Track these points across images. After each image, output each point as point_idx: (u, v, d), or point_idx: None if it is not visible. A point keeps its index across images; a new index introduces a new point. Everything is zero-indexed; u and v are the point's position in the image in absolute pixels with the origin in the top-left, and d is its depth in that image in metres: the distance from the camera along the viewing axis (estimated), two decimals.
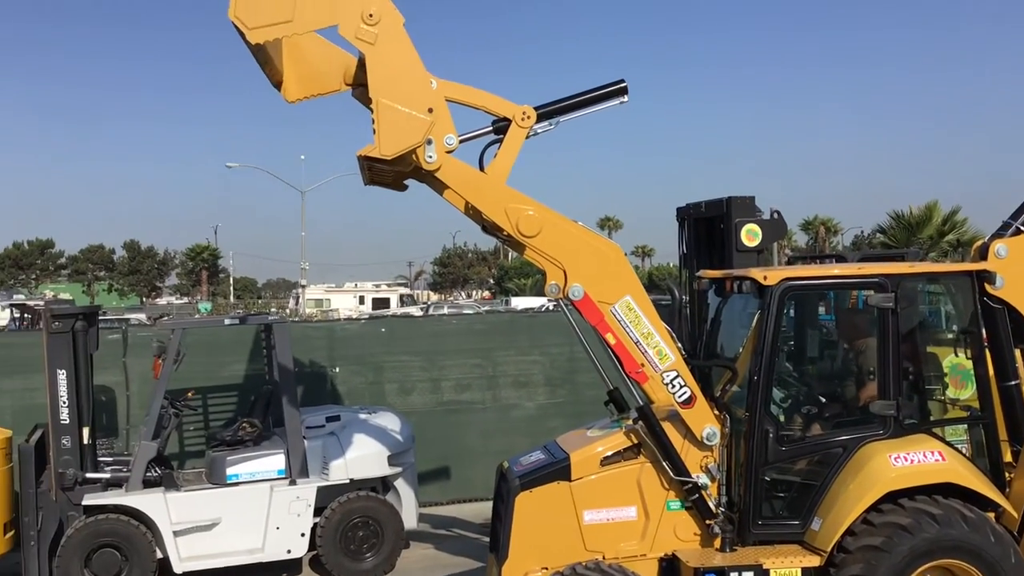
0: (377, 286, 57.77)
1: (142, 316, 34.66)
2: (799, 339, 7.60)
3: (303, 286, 53.53)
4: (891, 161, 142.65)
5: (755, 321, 6.64)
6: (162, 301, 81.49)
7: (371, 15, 6.02)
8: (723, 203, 9.79)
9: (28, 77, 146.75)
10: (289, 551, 9.08)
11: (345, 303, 51.26)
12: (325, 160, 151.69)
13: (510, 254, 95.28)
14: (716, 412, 6.64)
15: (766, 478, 6.50)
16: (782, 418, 6.76)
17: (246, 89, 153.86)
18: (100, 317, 10.09)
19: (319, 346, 11.94)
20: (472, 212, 6.58)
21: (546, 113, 6.54)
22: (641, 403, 6.50)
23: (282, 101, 6.56)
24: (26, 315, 33.12)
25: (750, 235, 9.49)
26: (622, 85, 6.65)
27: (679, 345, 6.60)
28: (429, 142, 6.16)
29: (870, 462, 6.29)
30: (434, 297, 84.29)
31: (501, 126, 6.49)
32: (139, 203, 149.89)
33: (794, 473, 6.63)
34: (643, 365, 6.43)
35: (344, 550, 9.22)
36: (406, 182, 7.08)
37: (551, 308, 9.53)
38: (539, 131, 6.52)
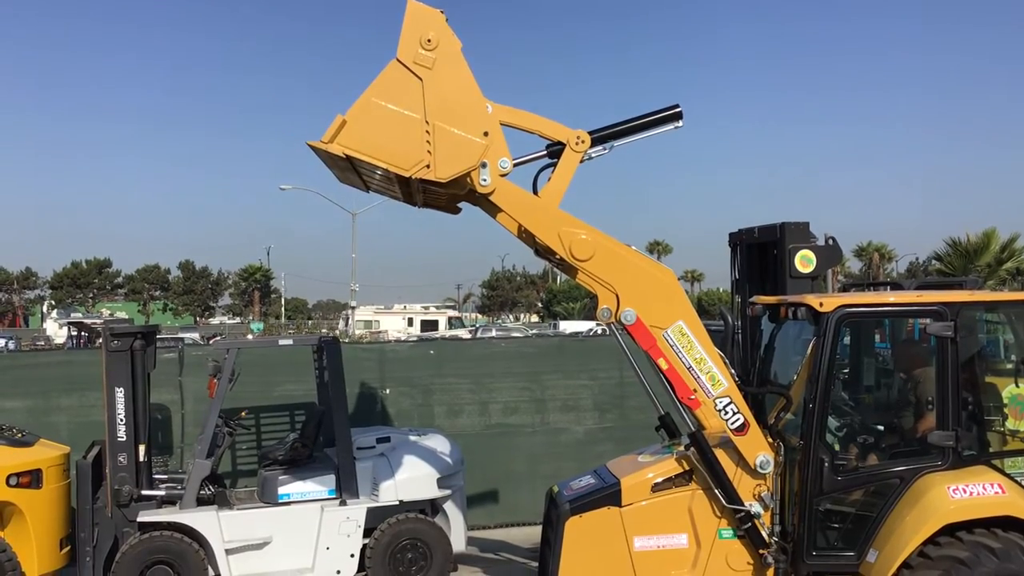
0: (426, 308, 58.09)
1: (196, 335, 35.18)
2: (855, 367, 7.50)
3: (353, 307, 54.00)
4: (948, 187, 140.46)
5: (810, 348, 6.57)
6: (215, 320, 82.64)
7: (429, 40, 6.12)
8: (777, 228, 9.71)
9: (81, 100, 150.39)
10: (339, 572, 9.11)
11: (394, 325, 51.60)
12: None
13: (559, 278, 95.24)
14: (770, 440, 6.58)
15: (820, 508, 6.42)
16: (837, 447, 6.67)
17: (298, 110, 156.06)
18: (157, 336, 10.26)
19: (369, 367, 12.02)
20: (525, 235, 6.61)
21: (600, 138, 6.56)
22: (693, 428, 6.46)
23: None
24: (83, 333, 33.78)
25: (804, 261, 9.39)
26: (677, 110, 6.66)
27: (732, 371, 6.56)
28: (484, 165, 6.22)
29: (928, 494, 6.19)
30: (482, 319, 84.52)
31: (555, 150, 6.52)
32: (194, 224, 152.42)
33: (849, 503, 6.53)
34: (696, 391, 6.39)
35: (393, 572, 9.22)
36: (459, 204, 7.12)
37: (600, 332, 9.54)
38: (593, 155, 6.55)
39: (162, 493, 9.13)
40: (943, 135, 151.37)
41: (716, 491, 6.44)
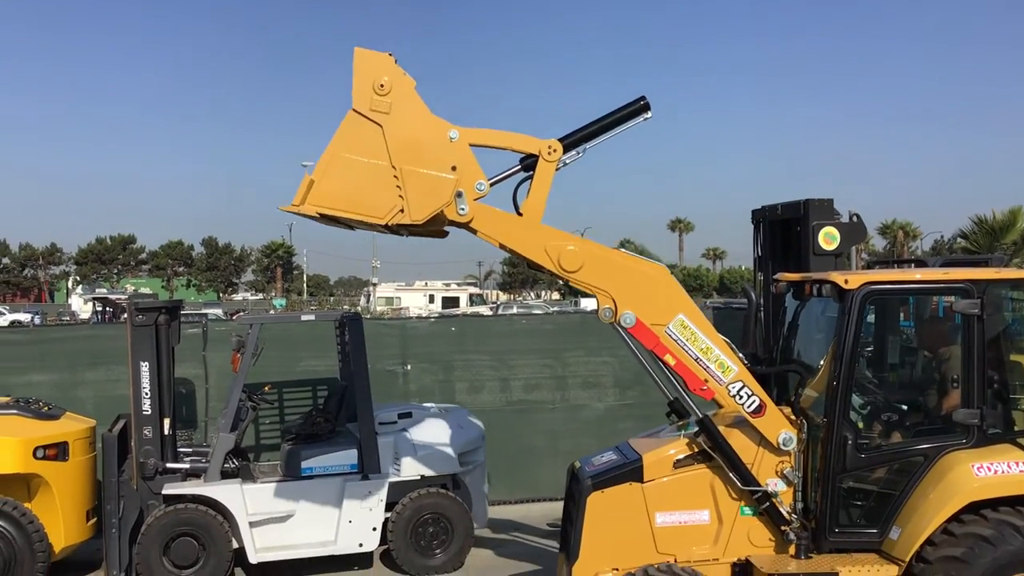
0: (447, 285, 58.13)
1: (219, 311, 35.39)
2: (879, 345, 7.45)
3: (374, 284, 54.15)
4: (974, 164, 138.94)
5: (835, 326, 6.52)
6: (238, 297, 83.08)
7: (382, 85, 6.06)
8: (800, 205, 9.63)
9: (108, 85, 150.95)
10: (361, 544, 9.19)
11: (415, 301, 51.70)
12: None
13: None
14: (792, 417, 6.56)
15: (843, 485, 6.39)
16: (861, 425, 6.64)
17: (321, 90, 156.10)
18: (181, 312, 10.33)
19: (391, 343, 12.07)
20: (512, 251, 6.59)
21: (572, 143, 6.46)
22: (700, 415, 6.45)
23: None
24: (108, 308, 34.06)
25: (828, 238, 9.30)
26: (643, 103, 6.53)
27: (740, 355, 6.52)
28: (459, 195, 6.16)
29: (952, 471, 6.15)
30: (503, 297, 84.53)
31: (529, 163, 6.44)
32: (217, 201, 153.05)
33: (872, 481, 6.51)
34: (707, 381, 6.37)
35: (414, 545, 9.30)
36: (446, 228, 7.06)
37: None
38: (568, 161, 6.46)
39: (187, 466, 9.23)
40: (969, 112, 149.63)
41: (732, 475, 6.43)
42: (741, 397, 6.38)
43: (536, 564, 9.44)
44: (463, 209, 6.18)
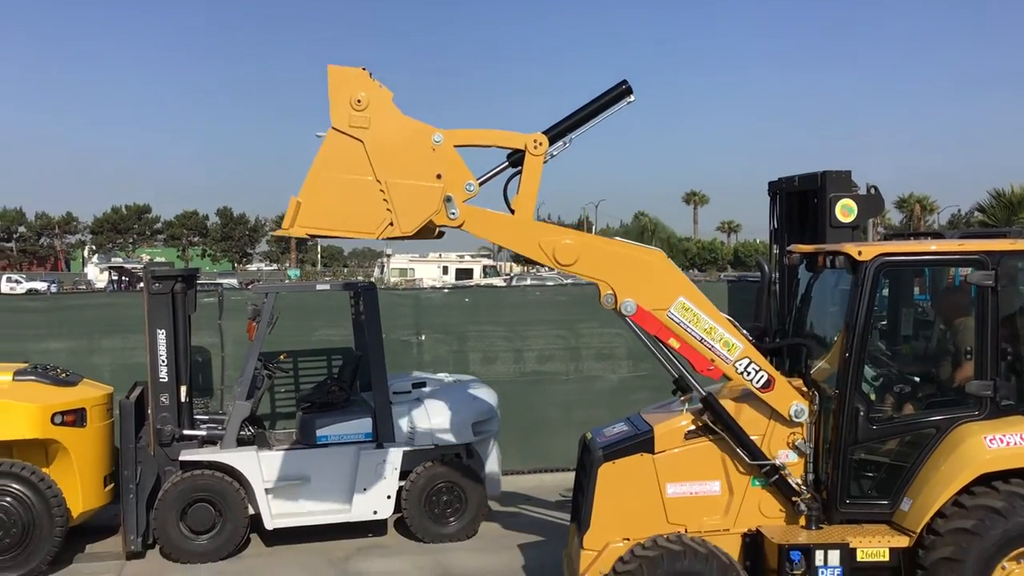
0: (461, 257, 58.06)
1: (234, 281, 35.52)
2: (893, 317, 7.44)
3: (388, 255, 54.11)
4: (992, 138, 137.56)
5: (849, 298, 6.51)
6: (252, 267, 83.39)
7: (359, 100, 6.05)
8: (818, 177, 9.63)
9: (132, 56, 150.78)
10: (375, 512, 9.28)
11: (429, 273, 51.67)
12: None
13: (594, 228, 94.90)
14: (805, 389, 6.57)
15: (855, 457, 6.42)
16: (873, 397, 6.65)
17: (336, 60, 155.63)
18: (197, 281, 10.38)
19: (405, 314, 12.11)
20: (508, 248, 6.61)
21: (557, 135, 6.43)
22: (703, 393, 6.46)
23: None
24: (123, 278, 34.25)
25: (845, 210, 9.31)
26: (625, 86, 6.50)
27: (744, 332, 6.53)
28: (448, 199, 6.17)
29: (964, 443, 6.16)
30: (516, 269, 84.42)
31: (516, 158, 6.42)
32: (231, 171, 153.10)
33: (884, 453, 6.53)
34: (713, 360, 6.38)
35: (428, 514, 9.38)
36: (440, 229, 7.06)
37: None
38: (555, 153, 6.45)
39: (203, 433, 9.32)
40: (988, 85, 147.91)
41: (738, 450, 6.45)
42: (749, 373, 6.39)
43: (549, 532, 9.51)
44: (453, 213, 6.19)
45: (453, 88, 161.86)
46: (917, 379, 6.87)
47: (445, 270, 53.00)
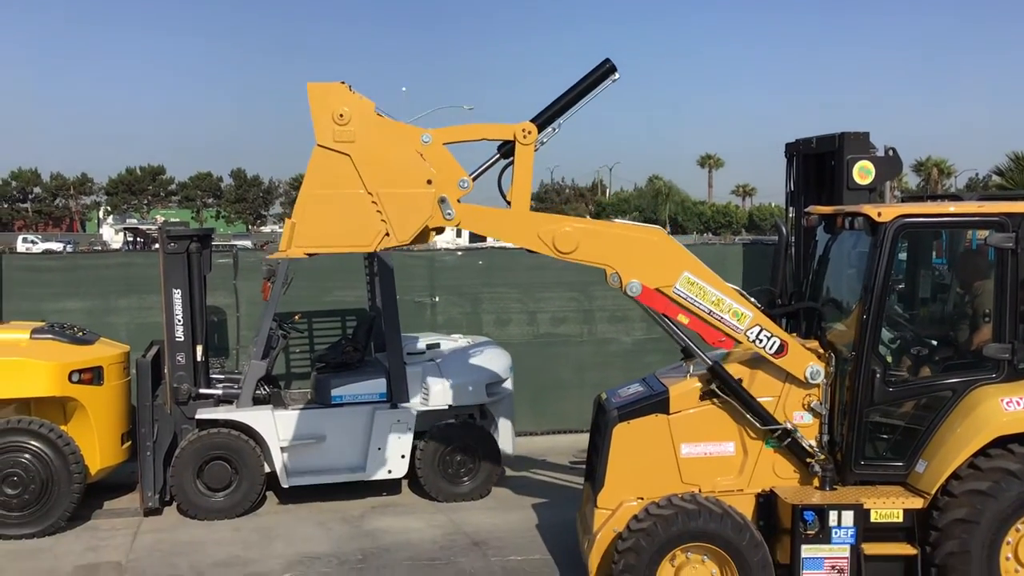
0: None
1: (248, 243, 35.59)
2: (911, 280, 7.40)
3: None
4: (1012, 100, 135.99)
5: (867, 259, 6.47)
6: (267, 229, 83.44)
7: (341, 115, 6.02)
8: (835, 139, 9.54)
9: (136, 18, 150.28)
10: (390, 471, 9.35)
11: (443, 235, 51.55)
12: (426, 93, 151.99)
13: (608, 191, 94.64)
14: (821, 351, 6.55)
15: (870, 419, 6.41)
16: (890, 359, 6.63)
17: (352, 21, 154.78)
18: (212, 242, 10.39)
19: (419, 275, 12.12)
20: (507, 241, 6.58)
21: (545, 121, 6.38)
22: (711, 363, 6.45)
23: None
24: (138, 239, 34.36)
25: (863, 172, 9.24)
26: (609, 65, 6.43)
27: (752, 300, 6.51)
28: (443, 200, 6.14)
29: (981, 405, 6.15)
30: None
31: (507, 149, 6.38)
32: (243, 132, 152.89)
33: (899, 415, 6.52)
34: (724, 332, 6.37)
35: (442, 473, 9.44)
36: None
37: None
38: (545, 140, 6.40)
39: (219, 392, 9.38)
40: (1005, 47, 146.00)
41: (748, 416, 6.45)
42: (761, 340, 6.38)
43: (563, 492, 9.57)
44: (449, 214, 6.17)
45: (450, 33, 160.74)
46: (934, 342, 6.85)
47: (459, 232, 52.90)
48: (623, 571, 6.08)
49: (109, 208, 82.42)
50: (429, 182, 6.11)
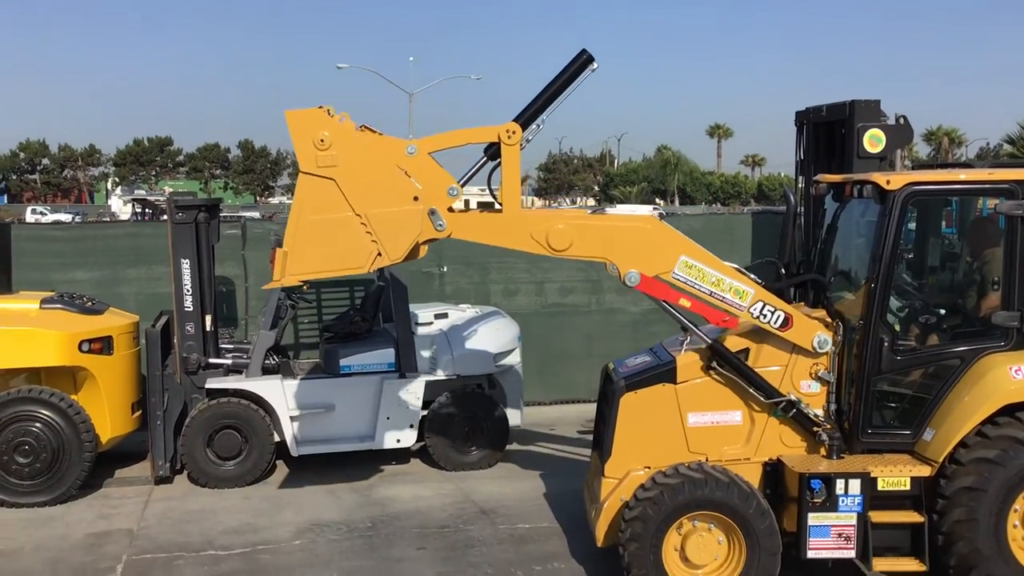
0: (482, 190, 57.83)
1: (256, 214, 35.63)
2: (919, 249, 7.37)
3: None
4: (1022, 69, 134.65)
5: (876, 227, 6.43)
6: (274, 200, 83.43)
7: (322, 140, 6.01)
8: (846, 107, 9.47)
9: None
10: (398, 441, 9.39)
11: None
12: (434, 63, 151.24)
13: (616, 162, 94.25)
14: (829, 320, 6.54)
15: (878, 387, 6.41)
16: (898, 328, 6.60)
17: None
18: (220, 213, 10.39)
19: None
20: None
21: (528, 119, 6.36)
22: (710, 341, 6.45)
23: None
24: (147, 210, 34.34)
25: (873, 141, 9.18)
26: (585, 56, 6.38)
27: (752, 276, 6.50)
28: (433, 212, 6.13)
29: (989, 373, 6.14)
30: (538, 203, 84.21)
31: (493, 151, 6.36)
32: (251, 103, 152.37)
33: (907, 383, 6.51)
34: (727, 311, 6.36)
35: (450, 443, 9.48)
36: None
37: (658, 216, 9.43)
38: (530, 138, 6.39)
39: (228, 362, 9.42)
40: (1016, 14, 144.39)
41: (751, 391, 6.45)
42: (765, 316, 6.37)
43: (571, 461, 9.62)
44: (440, 225, 6.18)
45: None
46: (942, 310, 6.82)
47: (467, 204, 52.79)
48: (630, 539, 6.11)
49: (117, 179, 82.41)
50: (416, 199, 6.13)
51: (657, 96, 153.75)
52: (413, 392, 9.37)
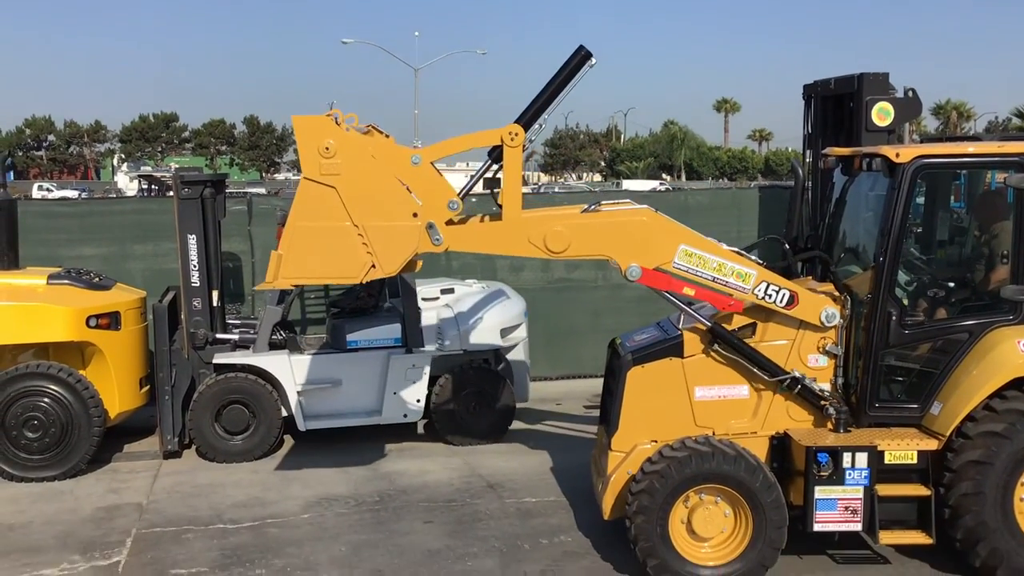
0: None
1: (262, 190, 35.60)
2: (928, 223, 7.34)
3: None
4: None
5: (884, 201, 6.40)
6: (280, 176, 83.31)
7: (327, 148, 5.97)
8: (854, 79, 9.41)
9: None
10: (405, 415, 9.42)
11: (456, 182, 51.10)
12: (439, 37, 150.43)
13: (623, 137, 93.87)
14: (836, 294, 6.52)
15: (886, 361, 6.39)
16: (906, 301, 6.59)
17: None
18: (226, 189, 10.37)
19: None
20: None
21: (530, 120, 6.33)
22: (709, 325, 6.44)
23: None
24: (153, 186, 34.42)
25: (881, 114, 9.13)
26: (583, 53, 6.33)
27: (753, 258, 6.48)
28: (431, 226, 6.11)
29: (997, 347, 6.12)
30: (544, 179, 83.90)
31: (497, 154, 6.32)
32: (256, 78, 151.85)
33: (915, 357, 6.50)
34: (731, 295, 6.34)
35: (457, 417, 9.49)
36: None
37: (664, 190, 9.42)
38: (532, 138, 6.36)
39: (235, 337, 9.44)
40: None
41: (755, 371, 6.44)
42: (770, 295, 6.36)
43: (579, 436, 9.65)
44: (437, 240, 6.18)
45: None
46: (951, 284, 6.79)
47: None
48: (637, 512, 6.12)
49: (123, 156, 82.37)
50: (415, 215, 6.11)
51: (664, 71, 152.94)
52: (420, 367, 9.38)
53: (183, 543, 7.20)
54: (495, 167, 6.41)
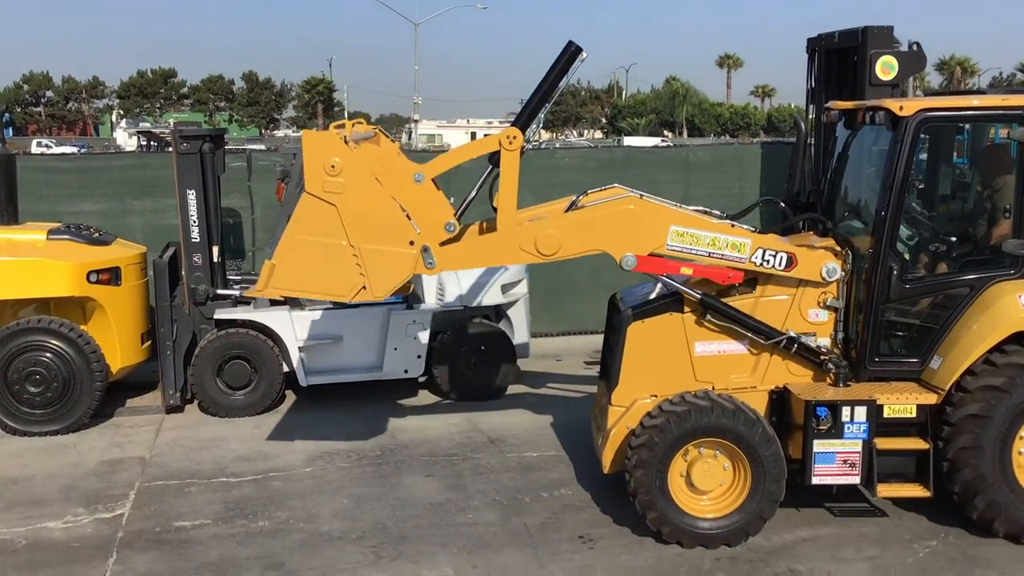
0: (489, 123, 57.64)
1: (261, 147, 35.46)
2: (930, 178, 7.30)
3: (416, 121, 53.77)
4: None
5: (887, 154, 6.37)
6: (280, 133, 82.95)
7: (333, 166, 5.94)
8: (858, 33, 9.32)
9: None
10: (406, 371, 9.45)
11: (457, 139, 51.43)
12: None
13: (624, 93, 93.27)
14: (838, 248, 6.50)
15: (886, 316, 6.39)
16: (907, 256, 6.57)
17: None
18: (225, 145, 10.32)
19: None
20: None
21: (526, 121, 6.33)
22: (698, 296, 6.44)
23: None
24: (152, 142, 34.18)
25: (885, 68, 9.06)
26: (573, 48, 6.31)
27: (745, 226, 6.47)
28: (426, 249, 6.09)
29: (998, 302, 6.13)
30: (545, 136, 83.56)
31: (497, 159, 6.30)
32: (255, 33, 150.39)
33: (915, 312, 6.50)
34: (729, 267, 6.33)
35: (458, 373, 9.52)
36: None
37: (665, 146, 9.38)
38: (531, 138, 6.30)
39: (236, 292, 9.44)
40: None
41: (749, 335, 6.45)
42: (768, 261, 6.36)
43: (579, 391, 9.69)
44: (431, 263, 6.19)
45: None
46: (952, 239, 6.77)
47: (473, 136, 52.69)
48: (636, 466, 6.16)
49: (122, 112, 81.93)
50: (411, 243, 6.11)
51: (666, 26, 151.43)
52: (420, 323, 9.40)
53: (186, 496, 7.26)
54: (496, 169, 6.40)
